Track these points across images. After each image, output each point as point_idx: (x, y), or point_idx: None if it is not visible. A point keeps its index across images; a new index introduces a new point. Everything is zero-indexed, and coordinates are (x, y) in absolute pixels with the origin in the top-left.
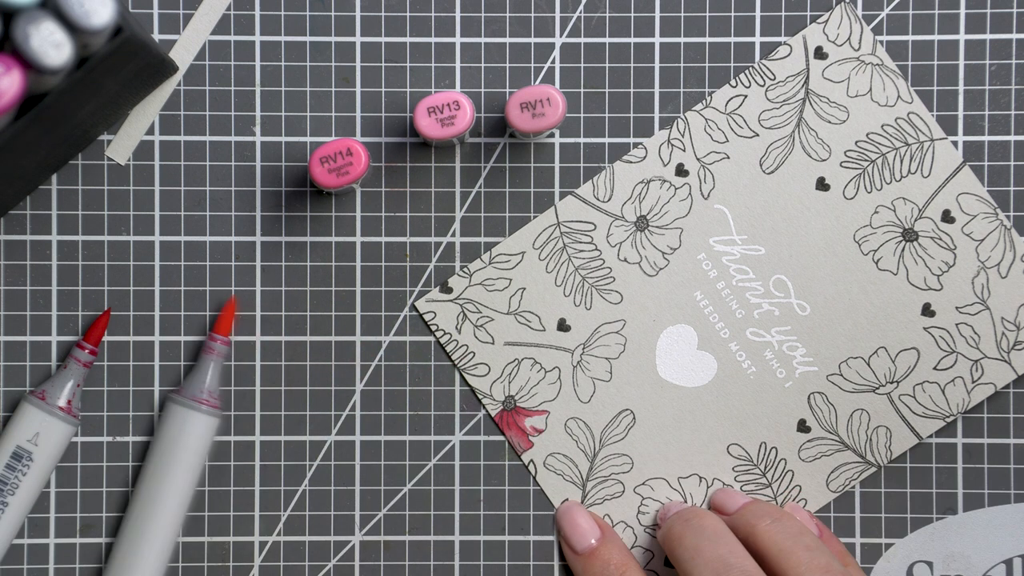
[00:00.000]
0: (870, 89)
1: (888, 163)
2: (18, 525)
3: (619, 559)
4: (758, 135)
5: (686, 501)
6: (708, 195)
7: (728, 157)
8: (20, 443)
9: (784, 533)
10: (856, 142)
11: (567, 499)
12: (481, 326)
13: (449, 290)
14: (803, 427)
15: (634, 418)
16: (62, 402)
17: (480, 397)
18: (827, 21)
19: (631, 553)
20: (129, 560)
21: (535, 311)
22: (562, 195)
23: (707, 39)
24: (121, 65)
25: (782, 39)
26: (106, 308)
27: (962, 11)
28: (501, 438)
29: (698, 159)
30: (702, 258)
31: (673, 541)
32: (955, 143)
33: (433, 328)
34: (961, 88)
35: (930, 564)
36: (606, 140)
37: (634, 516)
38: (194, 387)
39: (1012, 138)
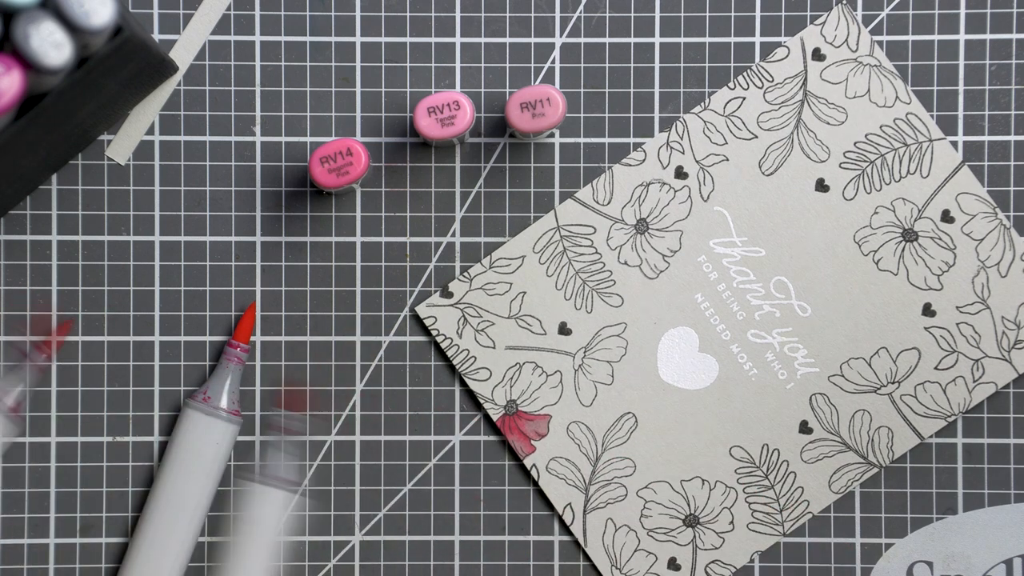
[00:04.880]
0: (868, 90)
1: (887, 164)
2: None
3: None
4: (757, 137)
5: (688, 504)
6: (708, 197)
7: (727, 159)
8: None
9: None
10: (855, 143)
11: None
12: (482, 330)
13: (449, 295)
14: (805, 428)
15: (636, 421)
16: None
17: (482, 402)
18: (824, 23)
19: None
20: (153, 562)
21: (536, 315)
22: (562, 195)
23: (707, 39)
24: (121, 65)
25: (782, 39)
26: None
27: (962, 11)
28: (501, 438)
29: (697, 161)
30: (702, 260)
31: None
32: (955, 143)
33: (434, 333)
34: (961, 88)
35: (930, 564)
36: (606, 140)
37: (637, 519)
38: (218, 397)
39: (1012, 138)
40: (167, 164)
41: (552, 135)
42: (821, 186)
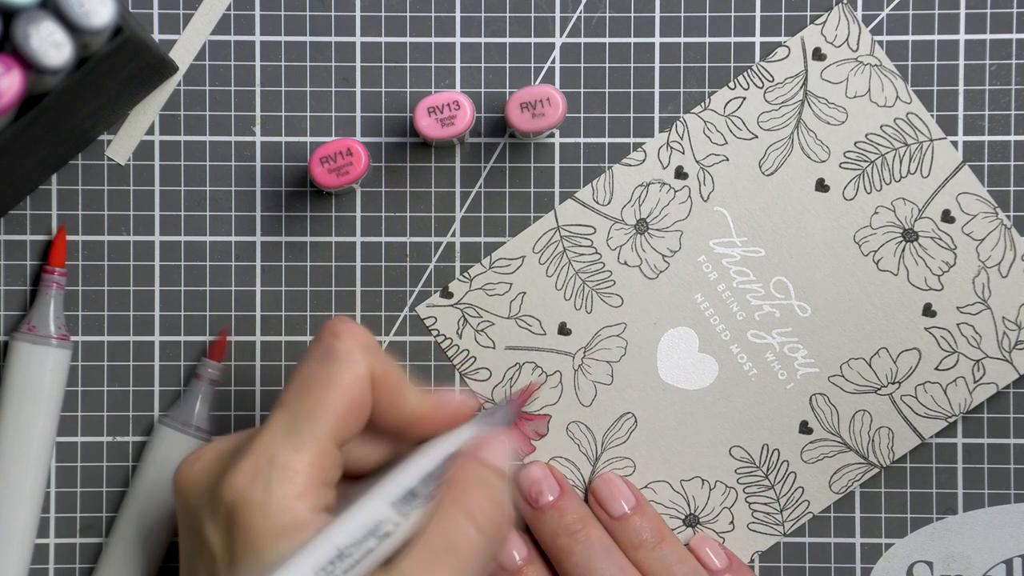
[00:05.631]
0: (868, 90)
1: (887, 164)
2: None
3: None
4: (757, 137)
5: (688, 504)
6: (708, 197)
7: (727, 159)
8: None
9: (663, 562)
10: (855, 143)
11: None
12: (482, 331)
13: (449, 295)
14: (805, 428)
15: (636, 421)
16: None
17: (482, 401)
18: (825, 22)
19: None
20: (11, 489)
21: (536, 315)
22: (562, 195)
23: (707, 39)
24: (121, 65)
25: (782, 39)
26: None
27: (962, 11)
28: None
29: (697, 162)
30: (702, 260)
31: (560, 553)
32: (955, 143)
33: (434, 333)
34: (961, 88)
35: (930, 564)
36: (606, 140)
37: None
38: (45, 325)
39: (1012, 138)
40: (167, 164)
41: (552, 135)
42: (821, 186)
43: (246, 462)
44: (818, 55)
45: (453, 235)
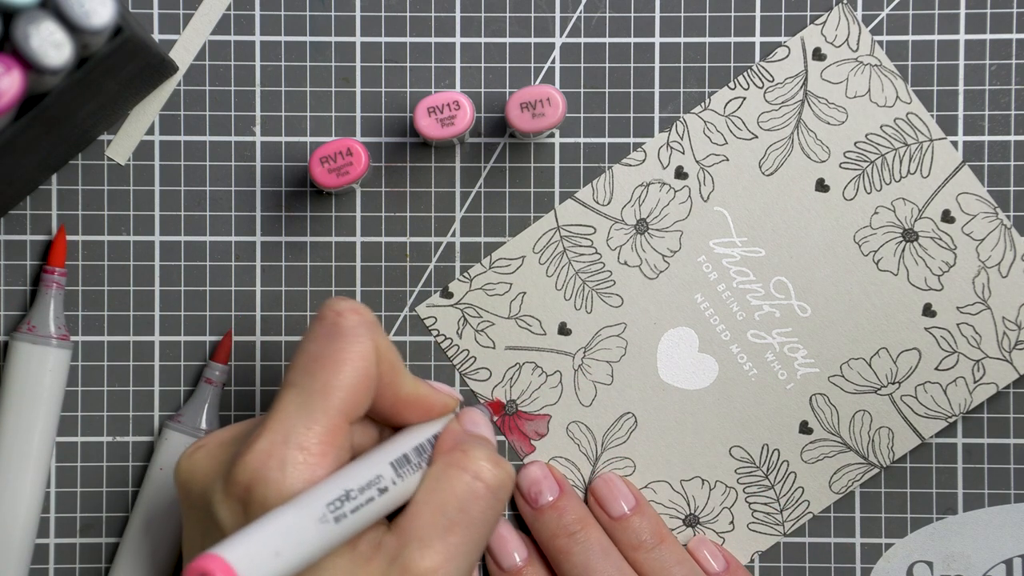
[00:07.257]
0: (868, 90)
1: (887, 164)
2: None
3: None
4: (757, 137)
5: (688, 504)
6: (708, 197)
7: (727, 159)
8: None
9: (661, 563)
10: (855, 143)
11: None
12: (482, 331)
13: (449, 295)
14: (805, 429)
15: (636, 421)
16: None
17: (482, 402)
18: (825, 22)
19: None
20: (11, 488)
21: (536, 315)
22: (562, 195)
23: (707, 39)
24: (121, 65)
25: (782, 39)
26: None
27: (962, 11)
28: (501, 438)
29: (697, 162)
30: (702, 260)
31: (559, 554)
32: (955, 143)
33: (434, 333)
34: (961, 88)
35: (930, 564)
36: (606, 140)
37: None
38: (45, 324)
39: (1012, 138)
40: (167, 164)
41: (552, 135)
42: (821, 186)
43: (260, 442)
44: (818, 55)
45: (453, 235)
